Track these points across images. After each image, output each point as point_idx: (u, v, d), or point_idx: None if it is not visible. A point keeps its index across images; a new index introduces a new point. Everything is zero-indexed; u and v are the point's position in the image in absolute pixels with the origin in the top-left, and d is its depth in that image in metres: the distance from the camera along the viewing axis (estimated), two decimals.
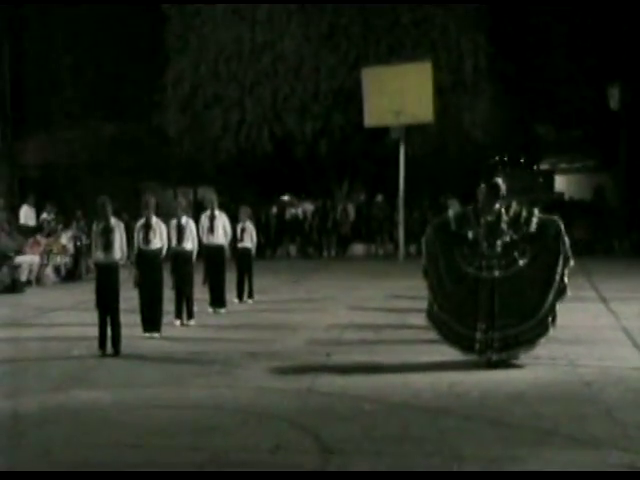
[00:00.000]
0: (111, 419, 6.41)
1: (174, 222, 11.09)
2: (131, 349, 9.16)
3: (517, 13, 26.54)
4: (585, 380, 7.47)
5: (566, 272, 8.10)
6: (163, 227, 10.23)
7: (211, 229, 12.35)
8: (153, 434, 5.95)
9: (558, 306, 8.11)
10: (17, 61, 26.39)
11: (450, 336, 8.29)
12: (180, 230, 11.03)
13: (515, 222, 8.16)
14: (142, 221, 10.13)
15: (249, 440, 5.80)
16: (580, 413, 6.38)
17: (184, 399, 7.06)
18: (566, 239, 8.12)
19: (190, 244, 11.10)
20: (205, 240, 12.28)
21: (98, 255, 9.21)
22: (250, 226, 13.53)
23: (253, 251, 13.71)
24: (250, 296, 13.56)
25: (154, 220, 10.09)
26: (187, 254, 11.06)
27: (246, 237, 13.39)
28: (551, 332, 8.11)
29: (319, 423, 6.15)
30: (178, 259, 11.10)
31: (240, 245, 13.38)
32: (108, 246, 9.08)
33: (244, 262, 13.47)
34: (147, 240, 10.00)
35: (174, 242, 10.95)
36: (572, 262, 8.15)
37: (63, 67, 26.25)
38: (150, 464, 5.29)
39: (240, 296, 13.40)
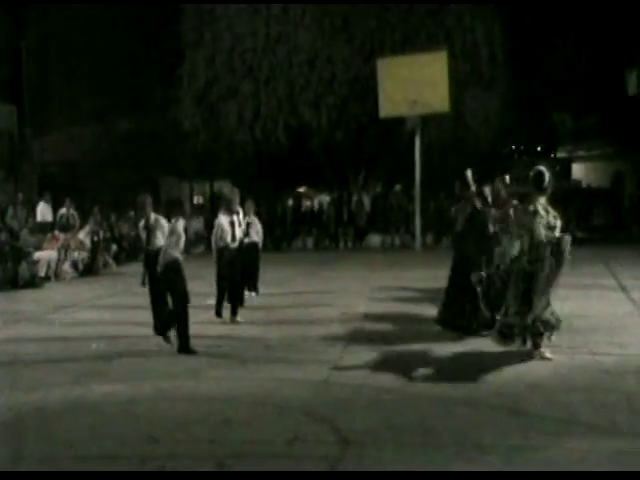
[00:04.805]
0: (130, 412, 6.44)
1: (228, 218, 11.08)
2: (147, 344, 9.19)
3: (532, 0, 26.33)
4: (605, 368, 7.41)
5: None
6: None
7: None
8: (171, 427, 5.96)
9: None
10: (33, 59, 26.51)
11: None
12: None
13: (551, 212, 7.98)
14: (143, 222, 10.00)
15: (266, 432, 5.80)
16: (600, 401, 6.33)
17: (201, 392, 7.07)
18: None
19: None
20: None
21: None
22: (256, 220, 13.46)
23: (260, 245, 13.68)
24: (254, 289, 13.51)
25: (153, 218, 9.80)
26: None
27: (252, 232, 13.29)
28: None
29: (337, 414, 6.14)
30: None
31: (247, 240, 13.26)
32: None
33: (252, 256, 13.39)
34: (149, 240, 9.88)
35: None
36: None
37: (79, 63, 26.34)
38: (169, 457, 5.31)
39: (251, 288, 13.29)
